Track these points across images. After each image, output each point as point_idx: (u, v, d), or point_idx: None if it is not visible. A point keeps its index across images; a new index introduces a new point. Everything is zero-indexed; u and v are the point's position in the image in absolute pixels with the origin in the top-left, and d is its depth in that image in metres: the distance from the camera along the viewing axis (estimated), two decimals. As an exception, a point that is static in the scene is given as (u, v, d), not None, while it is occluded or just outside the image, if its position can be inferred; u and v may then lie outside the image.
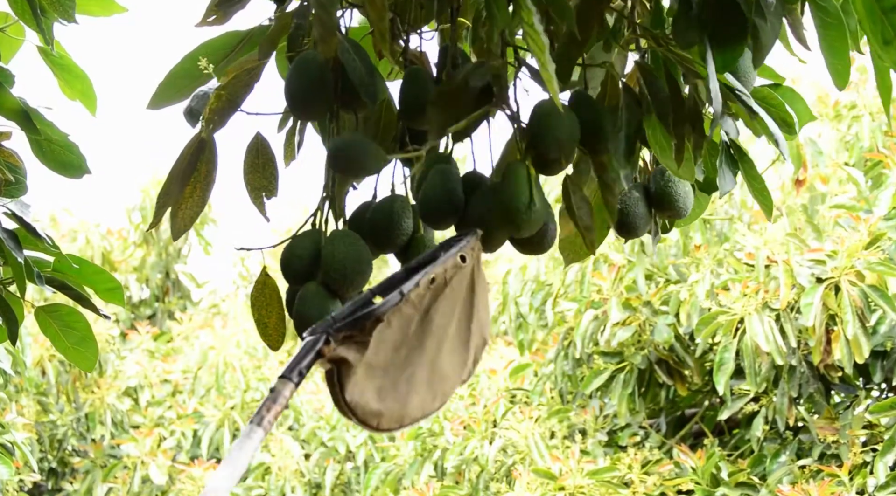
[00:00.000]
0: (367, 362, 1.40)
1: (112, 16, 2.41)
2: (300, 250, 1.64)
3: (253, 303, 1.68)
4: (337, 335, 1.39)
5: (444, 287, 1.48)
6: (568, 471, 5.13)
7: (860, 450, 4.87)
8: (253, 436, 1.31)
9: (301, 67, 1.59)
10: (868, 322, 4.69)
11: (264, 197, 1.69)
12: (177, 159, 1.67)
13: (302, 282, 1.63)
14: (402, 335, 1.44)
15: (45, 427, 7.40)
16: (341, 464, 7.00)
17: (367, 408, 1.42)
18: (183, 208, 1.69)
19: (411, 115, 1.64)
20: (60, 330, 2.44)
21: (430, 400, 1.48)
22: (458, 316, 1.51)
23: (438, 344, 1.48)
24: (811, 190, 5.33)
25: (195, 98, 1.71)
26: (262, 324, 1.68)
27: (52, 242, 2.30)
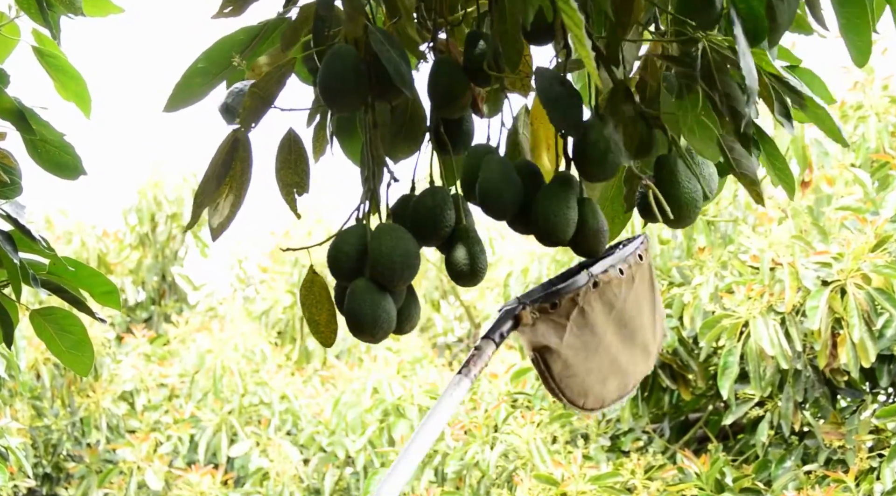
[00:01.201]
0: (569, 344, 1.53)
1: (108, 16, 2.40)
2: (346, 246, 1.65)
3: (303, 303, 1.69)
4: (532, 305, 1.52)
5: (633, 281, 1.60)
6: (570, 477, 5.10)
7: (866, 456, 4.85)
8: (462, 384, 1.48)
9: (335, 59, 1.59)
10: (874, 325, 4.67)
11: (295, 193, 1.69)
12: (212, 158, 1.67)
13: (350, 279, 1.64)
14: (605, 318, 1.57)
15: (39, 431, 7.36)
16: (340, 470, 6.97)
17: (576, 388, 1.55)
18: (220, 208, 1.68)
19: (444, 104, 1.64)
20: (56, 333, 2.43)
21: (625, 384, 1.62)
22: (646, 308, 1.63)
23: (633, 332, 1.61)
24: (817, 191, 5.31)
25: (231, 94, 1.70)
26: (314, 323, 1.69)
27: (48, 244, 2.29)
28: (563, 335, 1.51)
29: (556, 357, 1.51)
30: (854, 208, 5.06)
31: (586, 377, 1.55)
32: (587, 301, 1.54)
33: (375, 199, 1.69)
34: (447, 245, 1.69)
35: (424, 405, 6.42)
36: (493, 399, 5.87)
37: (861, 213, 5.02)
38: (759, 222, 5.41)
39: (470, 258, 1.66)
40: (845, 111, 5.45)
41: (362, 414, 6.71)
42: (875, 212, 5.01)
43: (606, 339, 1.56)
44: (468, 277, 1.68)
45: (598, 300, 1.55)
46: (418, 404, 6.47)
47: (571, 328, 1.52)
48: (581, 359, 1.54)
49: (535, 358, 1.52)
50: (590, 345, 1.54)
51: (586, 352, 1.54)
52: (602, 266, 1.57)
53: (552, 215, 1.61)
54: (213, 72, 1.70)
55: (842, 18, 1.71)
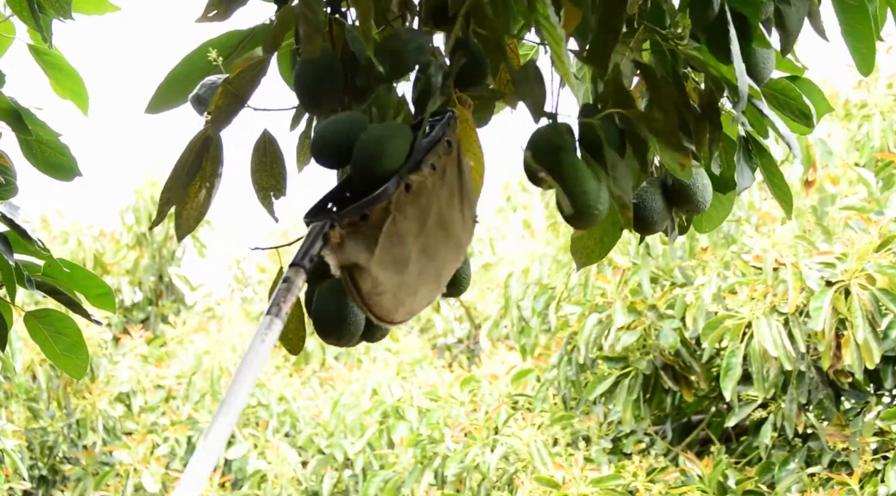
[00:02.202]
0: (379, 260, 1.41)
1: (105, 14, 2.40)
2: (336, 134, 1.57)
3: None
4: (341, 220, 1.40)
5: (444, 173, 1.48)
6: (571, 479, 5.09)
7: (871, 458, 4.83)
8: (273, 327, 1.33)
9: (311, 60, 1.56)
10: (879, 326, 4.66)
11: (272, 196, 1.65)
12: (180, 156, 1.62)
13: (319, 280, 1.59)
14: (419, 224, 1.45)
15: (35, 433, 7.33)
16: (339, 472, 6.94)
17: (385, 305, 1.44)
18: (188, 208, 1.64)
19: (424, 103, 1.59)
20: (50, 336, 2.42)
21: (435, 288, 1.51)
22: (457, 200, 1.51)
23: (447, 231, 1.50)
24: (821, 191, 5.29)
25: (203, 86, 1.66)
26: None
27: (43, 245, 2.27)
28: (373, 249, 1.40)
29: (366, 275, 1.40)
30: (858, 208, 5.05)
31: (396, 292, 1.44)
32: (400, 208, 1.42)
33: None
34: None
35: (424, 407, 6.40)
36: (493, 401, 5.84)
37: (865, 212, 5.00)
38: (762, 222, 5.39)
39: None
40: (849, 110, 5.43)
41: (361, 415, 6.69)
42: (879, 211, 4.99)
43: (418, 248, 1.45)
44: (454, 288, 1.64)
45: (411, 205, 1.43)
46: (418, 406, 6.45)
47: (383, 242, 1.40)
48: (391, 274, 1.43)
49: (343, 277, 1.40)
50: (400, 259, 1.43)
51: (396, 266, 1.43)
52: (411, 164, 1.44)
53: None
54: (195, 75, 1.67)
55: (844, 25, 1.70)
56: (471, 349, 9.55)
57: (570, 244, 1.75)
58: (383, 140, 1.47)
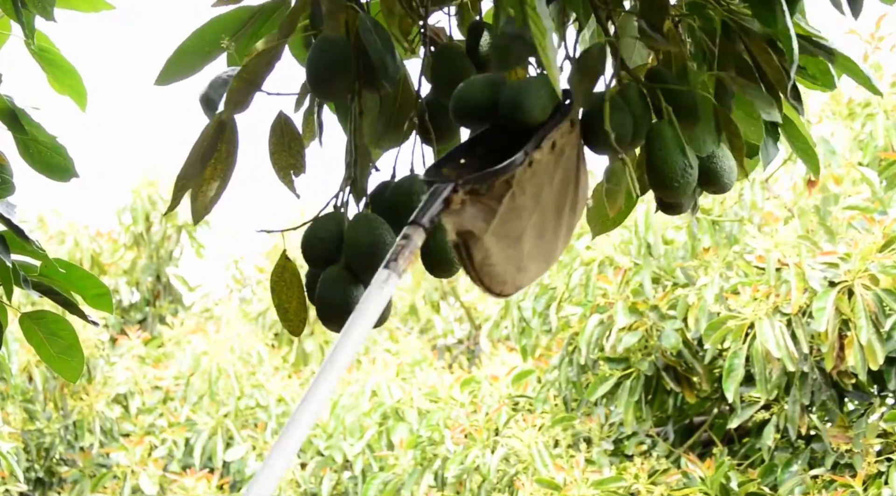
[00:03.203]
0: (495, 232, 1.41)
1: (99, 12, 2.39)
2: (323, 233, 1.62)
3: (273, 288, 1.67)
4: (464, 186, 1.39)
5: (563, 153, 1.48)
6: (572, 481, 5.07)
7: (874, 460, 4.82)
8: (391, 280, 1.33)
9: (324, 46, 1.58)
10: (883, 327, 4.64)
11: (293, 174, 1.68)
12: (196, 141, 1.64)
13: (323, 266, 1.61)
14: (534, 202, 1.45)
15: (31, 435, 7.30)
16: (338, 474, 6.92)
17: (496, 277, 1.44)
18: (203, 190, 1.65)
19: (448, 92, 1.60)
20: (46, 338, 2.39)
21: (543, 266, 1.52)
22: (572, 183, 1.52)
23: (559, 210, 1.51)
24: (824, 190, 5.27)
25: (212, 86, 1.67)
26: (283, 310, 1.66)
27: (39, 245, 2.23)
28: (491, 220, 1.40)
29: (480, 244, 1.40)
30: (862, 207, 5.03)
31: (507, 265, 1.44)
32: (519, 183, 1.42)
33: (357, 188, 1.67)
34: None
35: (424, 408, 6.38)
36: (493, 402, 5.82)
37: (869, 212, 4.99)
38: (764, 222, 5.36)
39: (446, 249, 1.61)
40: (852, 109, 5.40)
41: (361, 417, 6.67)
42: (883, 211, 4.98)
43: (532, 224, 1.46)
44: (443, 268, 1.64)
45: (530, 181, 1.44)
46: (418, 407, 6.43)
47: (502, 214, 1.41)
48: (503, 247, 1.43)
49: (458, 244, 1.40)
50: (514, 233, 1.44)
51: (510, 240, 1.44)
52: (537, 139, 1.45)
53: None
54: (205, 49, 1.69)
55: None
56: (471, 350, 9.53)
57: (586, 213, 1.74)
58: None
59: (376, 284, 1.33)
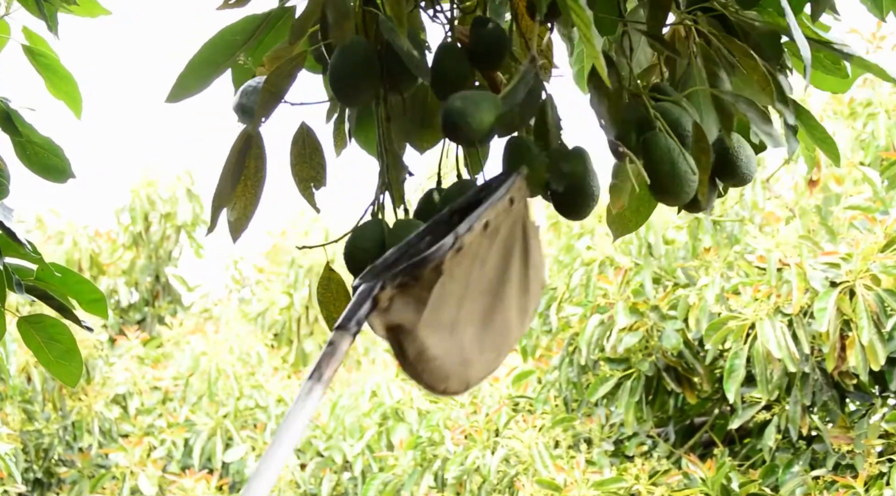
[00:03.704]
0: (427, 323, 1.32)
1: (97, 17, 2.40)
2: (364, 242, 1.59)
3: (320, 301, 1.66)
4: (392, 282, 1.31)
5: (497, 233, 1.39)
6: (573, 482, 5.05)
7: (876, 461, 4.80)
8: (314, 393, 1.26)
9: (347, 52, 1.56)
10: (884, 327, 4.63)
11: (313, 187, 1.66)
12: (226, 158, 1.64)
13: None
14: (464, 288, 1.35)
15: (30, 436, 7.29)
16: (338, 475, 6.91)
17: (435, 372, 1.34)
18: (237, 208, 1.65)
19: (445, 92, 1.58)
20: (44, 342, 2.37)
21: (494, 357, 1.41)
22: (516, 263, 1.42)
23: (498, 295, 1.40)
24: (825, 190, 5.25)
25: (244, 94, 1.66)
26: (333, 321, 1.63)
27: (34, 249, 2.22)
28: (422, 311, 1.31)
29: (412, 338, 1.31)
30: (863, 207, 5.01)
31: (447, 358, 1.34)
32: (449, 268, 1.32)
33: (393, 192, 1.65)
34: None
35: (424, 409, 6.37)
36: (494, 402, 5.81)
37: (870, 212, 4.97)
38: (765, 222, 5.35)
39: None
40: (854, 108, 5.39)
41: (360, 417, 6.66)
42: (885, 211, 4.97)
43: (467, 310, 1.36)
44: None
45: (459, 266, 1.34)
46: (417, 408, 6.42)
47: (432, 303, 1.31)
48: (439, 339, 1.33)
49: (390, 340, 1.32)
50: (449, 322, 1.34)
51: (444, 331, 1.34)
52: (469, 221, 1.36)
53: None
54: (216, 61, 1.67)
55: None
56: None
57: (607, 216, 1.72)
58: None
59: (300, 398, 1.26)
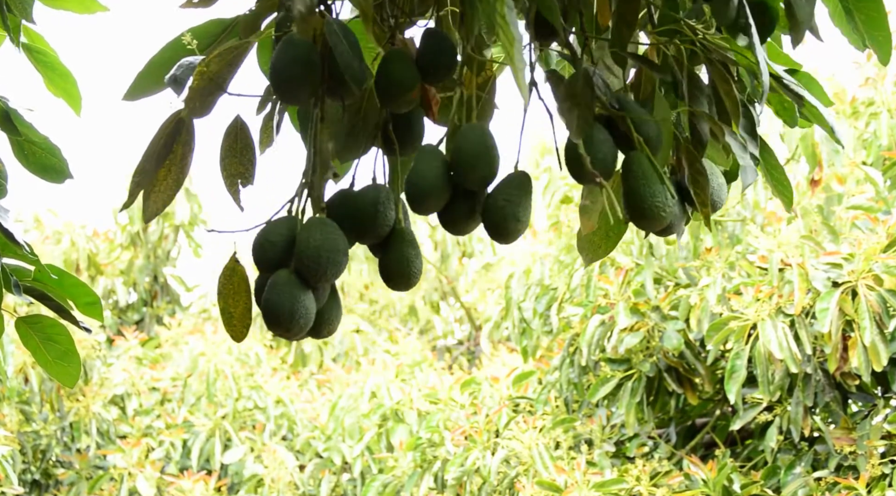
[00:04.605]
0: None
1: (94, 13, 2.39)
2: (274, 236, 1.59)
3: (220, 292, 1.64)
4: None
5: None
6: (573, 484, 5.03)
7: (878, 462, 4.78)
8: None
9: (288, 48, 1.54)
10: (886, 328, 4.62)
11: (240, 184, 1.64)
12: (152, 138, 1.62)
13: (273, 270, 1.59)
14: None
15: (27, 437, 7.26)
16: (337, 476, 6.88)
17: None
18: (156, 191, 1.64)
19: (391, 97, 1.59)
20: (42, 343, 2.37)
21: None
22: None
23: None
24: (827, 190, 5.24)
25: (180, 67, 1.64)
26: (228, 314, 1.64)
27: (31, 250, 2.22)
28: None
29: None
30: (865, 207, 5.00)
31: None
32: None
33: (313, 193, 1.63)
34: (382, 246, 1.65)
35: (424, 410, 6.34)
36: (494, 403, 5.78)
37: (872, 212, 4.96)
38: (767, 222, 5.33)
39: (406, 261, 1.63)
40: (856, 107, 5.37)
41: (360, 418, 6.64)
42: (887, 211, 4.96)
43: None
44: (402, 280, 1.64)
45: None
46: (417, 409, 6.39)
47: None
48: None
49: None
50: None
51: None
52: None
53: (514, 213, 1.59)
54: (176, 62, 1.65)
55: (860, 13, 1.71)
56: (471, 351, 9.49)
57: (577, 240, 1.74)
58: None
59: None
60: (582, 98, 1.54)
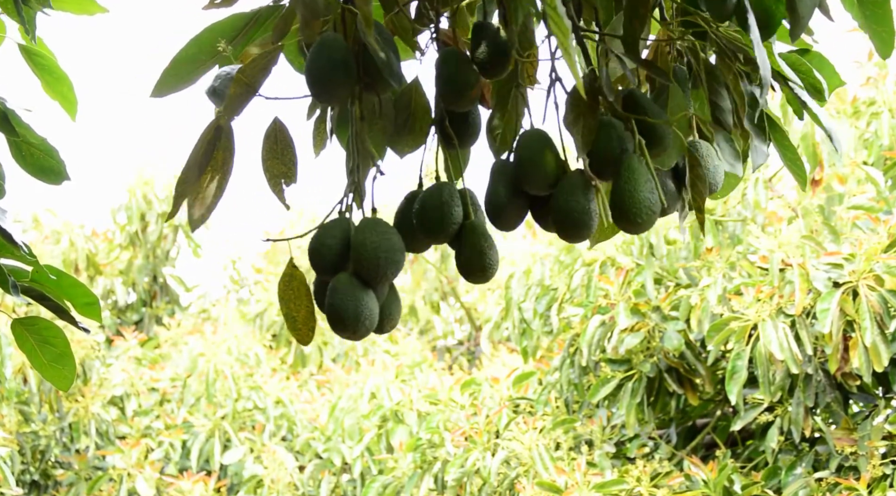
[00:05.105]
0: None
1: (93, 15, 2.41)
2: (329, 240, 1.62)
3: (281, 298, 1.66)
4: None
5: None
6: (574, 484, 5.02)
7: (879, 462, 4.77)
8: None
9: (322, 50, 1.56)
10: (887, 328, 4.61)
11: (283, 184, 1.66)
12: (194, 146, 1.64)
13: (331, 273, 1.61)
14: None
15: (26, 438, 7.25)
16: (337, 477, 6.87)
17: None
18: (200, 199, 1.66)
19: (454, 98, 1.61)
20: (37, 345, 2.36)
21: None
22: None
23: None
24: (828, 190, 5.22)
25: (219, 78, 1.67)
26: (291, 319, 1.66)
27: (29, 251, 2.21)
28: None
29: None
30: (866, 207, 4.99)
31: None
32: None
33: (359, 192, 1.66)
34: (456, 241, 1.67)
35: (424, 410, 6.33)
36: (494, 404, 5.77)
37: (874, 212, 4.95)
38: (768, 222, 5.32)
39: (479, 254, 1.65)
40: (857, 107, 5.36)
41: (360, 419, 6.63)
42: (888, 211, 4.95)
43: None
44: (479, 274, 1.67)
45: None
46: (417, 409, 6.39)
47: None
48: None
49: None
50: None
51: None
52: None
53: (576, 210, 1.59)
54: (201, 58, 1.68)
55: (862, 8, 1.71)
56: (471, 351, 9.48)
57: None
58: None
59: None
60: (586, 107, 1.55)
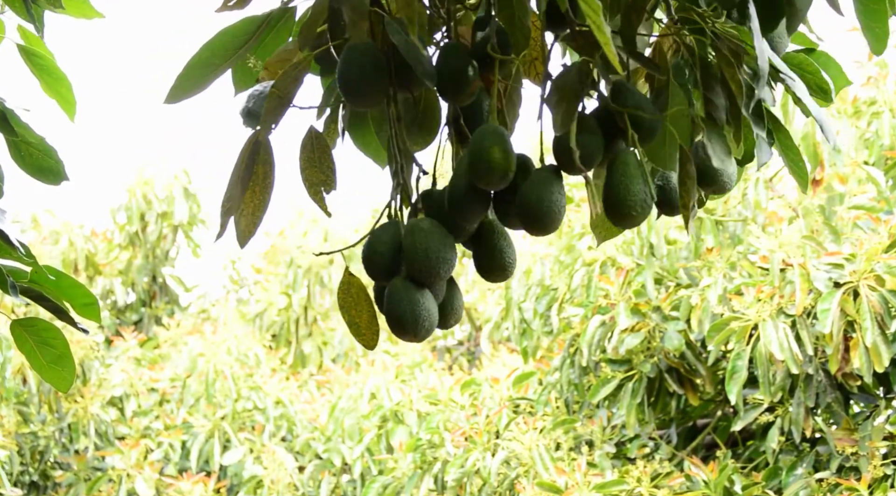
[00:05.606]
0: None
1: (91, 19, 2.41)
2: (380, 245, 1.64)
3: (341, 306, 1.69)
4: None
5: None
6: (574, 485, 5.02)
7: (880, 463, 4.76)
8: None
9: (353, 54, 1.58)
10: (888, 328, 4.61)
11: (323, 192, 1.67)
12: (235, 164, 1.66)
13: (387, 278, 1.63)
14: None
15: (25, 438, 7.24)
16: (337, 477, 6.87)
17: None
18: (245, 214, 1.67)
19: (451, 92, 1.61)
20: (36, 346, 2.34)
21: None
22: None
23: None
24: (829, 190, 5.22)
25: (251, 98, 1.69)
26: (355, 325, 1.68)
27: (27, 251, 2.20)
28: None
29: None
30: (867, 207, 4.98)
31: None
32: None
33: (405, 192, 1.67)
34: (473, 240, 1.68)
35: (424, 411, 6.32)
36: (494, 404, 5.77)
37: (874, 212, 4.94)
38: (769, 222, 5.31)
39: (499, 252, 1.65)
40: (858, 107, 5.35)
41: (360, 420, 6.62)
42: (889, 211, 4.94)
43: None
44: (498, 272, 1.67)
45: None
46: (417, 410, 6.38)
47: None
48: None
49: None
50: None
51: None
52: None
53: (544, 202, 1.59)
54: (215, 62, 1.68)
55: (859, 3, 1.71)
56: (471, 351, 9.47)
57: (590, 220, 1.75)
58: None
59: None
60: (570, 91, 1.55)
